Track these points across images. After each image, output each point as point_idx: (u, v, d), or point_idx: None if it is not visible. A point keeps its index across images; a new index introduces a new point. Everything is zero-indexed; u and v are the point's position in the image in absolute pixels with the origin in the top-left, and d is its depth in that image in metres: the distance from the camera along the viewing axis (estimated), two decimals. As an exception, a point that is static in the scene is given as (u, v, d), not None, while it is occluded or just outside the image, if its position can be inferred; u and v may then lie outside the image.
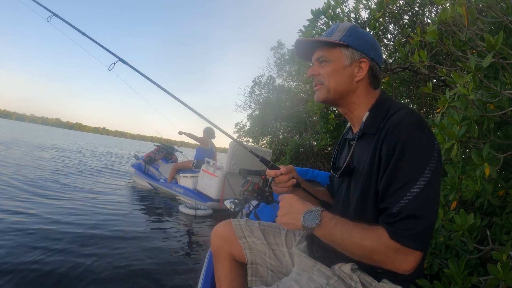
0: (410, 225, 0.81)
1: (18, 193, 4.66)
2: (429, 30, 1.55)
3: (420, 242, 0.81)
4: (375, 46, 1.06)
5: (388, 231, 0.83)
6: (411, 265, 0.83)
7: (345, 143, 1.20)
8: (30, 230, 3.19)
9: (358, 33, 1.05)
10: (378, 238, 0.84)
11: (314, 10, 2.58)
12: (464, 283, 1.21)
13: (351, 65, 1.03)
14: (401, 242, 0.81)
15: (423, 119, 0.90)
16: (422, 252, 0.84)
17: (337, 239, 0.88)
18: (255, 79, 11.80)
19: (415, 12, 2.75)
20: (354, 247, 0.86)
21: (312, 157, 7.18)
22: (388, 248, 0.83)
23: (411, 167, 0.83)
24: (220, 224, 1.39)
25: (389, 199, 0.85)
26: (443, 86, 2.71)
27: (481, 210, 1.62)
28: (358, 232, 0.86)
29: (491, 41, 1.23)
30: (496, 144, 1.52)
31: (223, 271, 1.34)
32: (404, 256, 0.82)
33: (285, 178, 1.18)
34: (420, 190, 0.81)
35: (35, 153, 10.68)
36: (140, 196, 6.16)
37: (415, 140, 0.84)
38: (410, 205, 0.81)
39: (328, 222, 0.90)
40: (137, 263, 2.74)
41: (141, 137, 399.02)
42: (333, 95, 1.06)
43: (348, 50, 1.03)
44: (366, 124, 1.01)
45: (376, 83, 1.08)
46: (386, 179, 0.87)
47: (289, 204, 0.98)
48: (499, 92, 1.33)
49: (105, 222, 3.87)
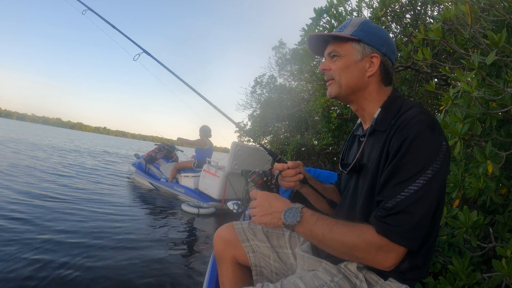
0: (401, 220, 0.81)
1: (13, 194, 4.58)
2: (433, 28, 1.56)
3: (409, 239, 0.81)
4: (388, 41, 1.04)
5: (377, 225, 0.83)
6: (392, 262, 0.83)
7: (354, 139, 1.20)
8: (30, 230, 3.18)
9: (371, 28, 1.04)
10: (360, 234, 0.84)
11: (317, 9, 2.59)
12: (468, 279, 1.22)
13: (362, 60, 1.02)
14: (389, 237, 0.81)
15: (435, 119, 0.90)
16: (410, 249, 0.83)
17: (318, 235, 0.88)
18: (257, 79, 11.80)
19: (417, 11, 2.75)
20: (335, 243, 0.87)
21: (314, 156, 7.18)
22: (369, 244, 0.83)
23: (414, 165, 0.82)
24: (223, 227, 1.38)
25: (386, 193, 0.85)
26: (445, 85, 2.71)
27: (484, 208, 1.62)
28: (339, 228, 0.87)
29: (494, 39, 1.23)
30: (499, 142, 1.52)
31: (226, 275, 1.33)
32: (386, 254, 0.82)
33: (292, 172, 1.19)
34: (418, 189, 0.81)
35: (31, 152, 10.52)
36: (142, 195, 6.16)
37: (423, 138, 0.84)
38: (405, 201, 0.81)
39: (309, 219, 0.90)
40: (139, 266, 2.71)
41: (141, 137, 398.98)
42: (345, 91, 1.05)
43: (359, 45, 1.02)
44: (378, 120, 1.01)
45: (388, 79, 1.07)
46: (387, 173, 0.86)
47: (268, 203, 0.97)
48: (502, 90, 1.34)
49: (106, 222, 3.85)
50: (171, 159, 7.49)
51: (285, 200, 0.97)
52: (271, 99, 11.02)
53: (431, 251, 0.96)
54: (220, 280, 1.36)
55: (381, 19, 2.50)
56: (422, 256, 0.92)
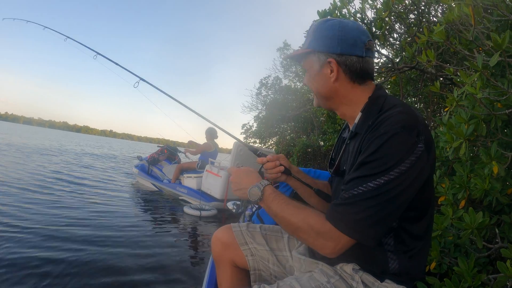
0: (349, 211, 0.82)
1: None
2: (437, 30, 1.56)
3: (355, 231, 0.82)
4: (341, 37, 0.98)
5: (328, 211, 0.87)
6: (331, 250, 0.86)
7: (342, 141, 1.20)
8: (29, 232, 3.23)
9: (322, 31, 1.02)
10: (305, 218, 0.89)
11: (320, 11, 2.59)
12: (474, 281, 1.22)
13: (322, 68, 1.01)
14: (334, 224, 0.84)
15: (416, 120, 0.86)
16: (359, 241, 0.84)
17: (273, 213, 0.97)
18: (262, 80, 11.84)
19: (421, 11, 2.75)
20: (284, 222, 0.94)
21: (320, 157, 7.17)
22: (310, 228, 0.88)
23: (378, 163, 0.81)
24: (220, 229, 1.38)
25: (347, 184, 0.87)
26: (450, 84, 2.70)
27: (490, 209, 1.62)
28: (290, 209, 0.93)
29: (497, 40, 1.23)
30: (504, 142, 1.52)
31: (225, 278, 1.34)
32: (325, 240, 0.86)
33: (271, 165, 1.23)
34: (377, 186, 0.80)
35: (36, 158, 10.51)
36: (144, 197, 6.21)
37: (394, 138, 0.81)
38: (360, 195, 0.82)
39: (268, 196, 0.99)
40: (140, 268, 2.73)
41: (147, 139, 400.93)
42: (321, 100, 1.08)
43: (315, 55, 1.02)
44: (358, 124, 1.00)
45: (360, 76, 1.01)
46: (354, 167, 0.87)
47: (239, 179, 1.09)
48: (506, 91, 1.34)
49: (108, 222, 3.89)
50: (174, 161, 7.55)
51: (256, 176, 1.07)
52: (277, 100, 11.04)
53: (424, 253, 0.97)
54: (219, 282, 1.37)
55: (385, 20, 2.50)
56: (413, 258, 0.93)
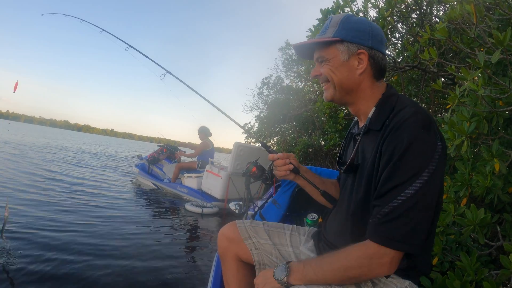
0: (399, 225, 0.81)
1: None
2: (439, 27, 1.57)
3: (409, 244, 0.81)
4: (372, 32, 1.00)
5: (374, 232, 0.84)
6: (388, 267, 0.84)
7: (351, 137, 1.20)
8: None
9: (352, 23, 1.01)
10: (347, 256, 0.87)
11: (323, 10, 2.61)
12: (476, 275, 1.22)
13: (350, 59, 1.00)
14: (384, 243, 0.82)
15: (429, 118, 0.88)
16: (412, 253, 0.84)
17: (313, 277, 0.92)
18: (263, 80, 11.83)
19: (423, 10, 2.76)
20: (331, 276, 0.89)
21: (321, 157, 7.18)
22: (359, 258, 0.85)
23: (409, 168, 0.82)
24: (226, 226, 1.40)
25: (382, 197, 0.85)
26: (451, 84, 2.71)
27: (491, 207, 1.62)
28: (326, 261, 0.90)
29: (499, 38, 1.24)
30: (506, 140, 1.53)
31: (231, 273, 1.35)
32: (380, 260, 0.83)
33: (281, 162, 1.26)
34: (415, 192, 0.80)
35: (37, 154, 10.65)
36: (145, 196, 6.21)
37: (418, 142, 0.83)
38: (402, 206, 0.81)
39: (297, 267, 0.96)
40: (144, 266, 2.73)
41: (148, 139, 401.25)
42: (339, 92, 1.04)
43: (343, 45, 1.00)
44: (372, 120, 0.99)
45: (380, 73, 1.04)
46: (383, 177, 0.86)
47: (263, 278, 1.03)
48: (508, 88, 1.35)
49: (108, 223, 3.87)
50: (174, 160, 7.55)
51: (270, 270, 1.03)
52: (278, 100, 11.03)
53: (429, 246, 0.98)
54: (225, 278, 1.38)
55: (387, 19, 2.51)
56: (421, 253, 0.92)
